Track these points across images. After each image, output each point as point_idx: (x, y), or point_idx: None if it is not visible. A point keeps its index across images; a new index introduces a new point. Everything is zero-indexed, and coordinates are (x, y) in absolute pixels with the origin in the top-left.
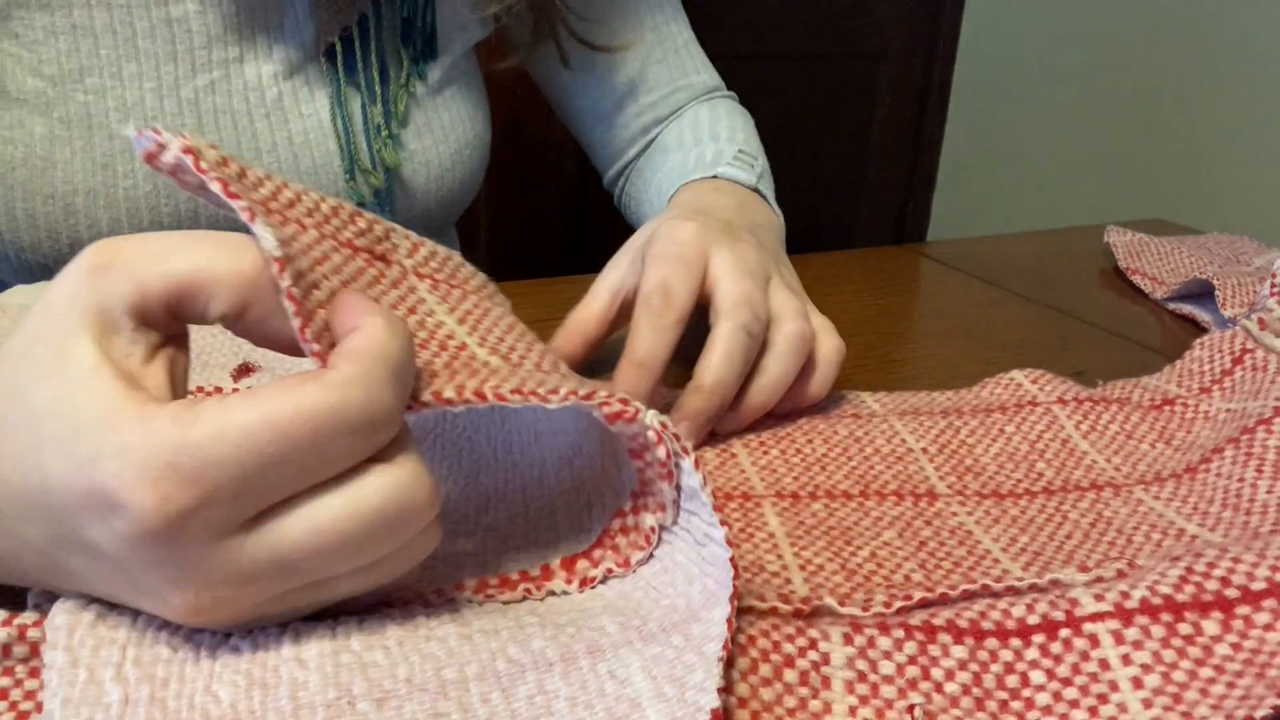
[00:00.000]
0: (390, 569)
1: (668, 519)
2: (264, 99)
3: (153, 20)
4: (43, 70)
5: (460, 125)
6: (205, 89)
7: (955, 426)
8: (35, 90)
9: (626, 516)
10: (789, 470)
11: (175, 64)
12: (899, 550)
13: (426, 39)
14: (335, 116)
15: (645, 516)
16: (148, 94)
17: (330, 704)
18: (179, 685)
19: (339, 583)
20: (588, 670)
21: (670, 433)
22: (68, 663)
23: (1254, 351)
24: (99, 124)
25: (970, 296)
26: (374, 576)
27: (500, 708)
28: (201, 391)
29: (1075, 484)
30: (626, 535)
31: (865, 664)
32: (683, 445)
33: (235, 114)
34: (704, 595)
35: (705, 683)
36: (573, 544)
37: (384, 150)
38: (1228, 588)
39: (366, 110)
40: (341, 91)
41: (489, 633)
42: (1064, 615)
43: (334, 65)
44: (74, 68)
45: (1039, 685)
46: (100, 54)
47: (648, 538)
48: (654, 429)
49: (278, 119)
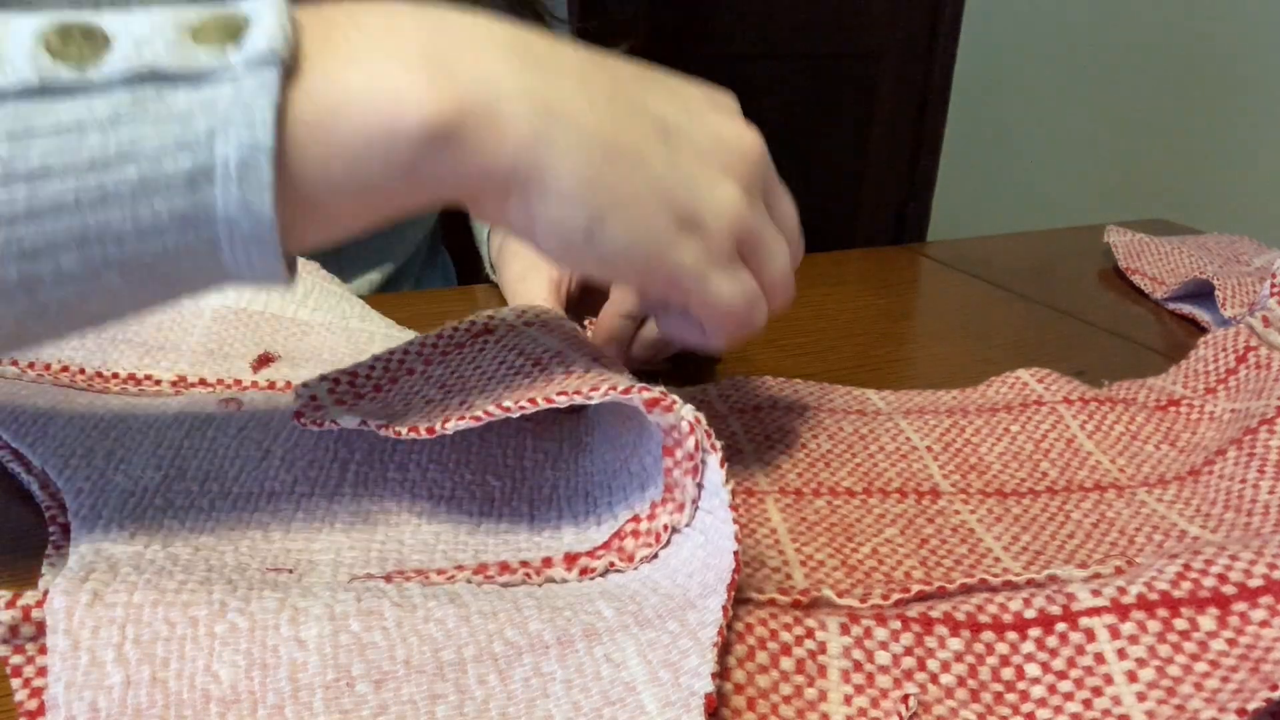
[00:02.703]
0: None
1: (683, 520)
2: None
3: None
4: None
5: None
6: None
7: (960, 425)
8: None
9: (641, 521)
10: (793, 466)
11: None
12: (900, 547)
13: None
14: None
15: (660, 518)
16: None
17: (329, 685)
18: (179, 664)
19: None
20: (584, 653)
21: (703, 428)
22: (69, 646)
23: (1257, 349)
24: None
25: (970, 296)
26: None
27: (497, 689)
28: (221, 384)
29: (1079, 484)
30: (637, 538)
31: (861, 653)
32: (712, 442)
33: None
34: (702, 587)
35: (700, 668)
36: (575, 545)
37: None
38: (1224, 584)
39: None
40: None
41: (486, 615)
42: (1060, 610)
43: None
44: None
45: (1034, 678)
46: None
47: (658, 537)
48: (689, 420)
49: None
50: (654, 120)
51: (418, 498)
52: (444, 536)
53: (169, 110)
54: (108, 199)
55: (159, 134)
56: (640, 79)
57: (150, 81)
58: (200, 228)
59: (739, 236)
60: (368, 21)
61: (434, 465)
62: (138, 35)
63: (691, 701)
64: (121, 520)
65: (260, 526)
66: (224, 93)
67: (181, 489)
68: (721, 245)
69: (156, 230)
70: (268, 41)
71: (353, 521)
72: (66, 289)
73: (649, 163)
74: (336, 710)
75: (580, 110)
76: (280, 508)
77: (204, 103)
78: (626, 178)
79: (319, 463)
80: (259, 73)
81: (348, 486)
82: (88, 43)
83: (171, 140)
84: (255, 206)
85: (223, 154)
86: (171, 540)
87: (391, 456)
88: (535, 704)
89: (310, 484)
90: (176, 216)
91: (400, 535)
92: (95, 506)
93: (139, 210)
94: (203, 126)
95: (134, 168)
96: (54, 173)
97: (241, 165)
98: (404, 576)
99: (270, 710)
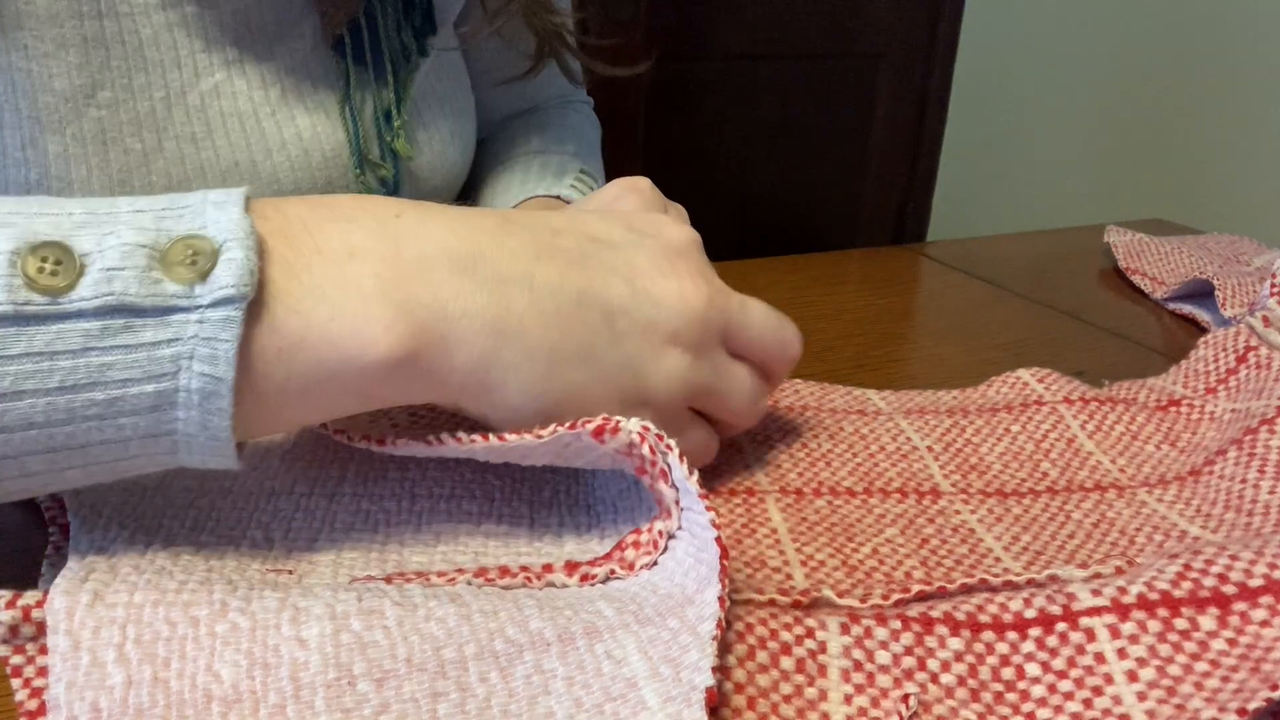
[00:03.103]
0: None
1: (673, 524)
2: (269, 98)
3: (154, 26)
4: (54, 86)
5: (458, 93)
6: (210, 93)
7: (961, 425)
8: (48, 107)
9: (641, 533)
10: (794, 466)
11: (179, 70)
12: (901, 547)
13: (425, 14)
14: (344, 109)
15: (656, 526)
16: (157, 104)
17: (330, 684)
18: (180, 664)
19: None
20: (585, 650)
21: (653, 434)
22: (69, 647)
23: (1258, 349)
24: (113, 139)
25: (970, 296)
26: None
27: (498, 687)
28: None
29: (1079, 484)
30: (638, 548)
31: (861, 653)
32: (666, 443)
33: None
34: (697, 581)
35: (700, 662)
36: (576, 555)
37: (396, 141)
38: (1225, 584)
39: (375, 99)
40: (350, 83)
41: (488, 613)
42: (1061, 609)
43: (342, 56)
44: (85, 82)
45: (1034, 678)
46: (111, 65)
47: (655, 544)
48: (636, 433)
49: (284, 116)
50: (600, 307)
51: (417, 497)
52: (444, 536)
53: (136, 340)
54: (75, 418)
55: (126, 363)
56: (585, 253)
57: (120, 314)
58: (161, 441)
59: (689, 397)
60: (328, 245)
61: (434, 465)
62: (109, 263)
63: (692, 696)
64: (122, 519)
65: (260, 526)
66: (190, 327)
67: (181, 487)
68: (671, 412)
69: (120, 442)
70: (234, 281)
71: (352, 522)
72: (31, 481)
73: (595, 357)
74: (338, 709)
75: (527, 322)
76: (280, 507)
77: (170, 336)
78: (572, 379)
79: (318, 462)
80: (223, 309)
81: (347, 486)
82: (61, 270)
83: (138, 371)
84: (214, 428)
85: (186, 383)
86: (172, 540)
87: (391, 457)
88: (537, 700)
89: (310, 483)
90: (139, 433)
91: (400, 535)
92: (95, 506)
93: (104, 427)
94: (168, 356)
95: (101, 392)
96: (25, 394)
97: (203, 394)
98: (404, 578)
99: (272, 709)
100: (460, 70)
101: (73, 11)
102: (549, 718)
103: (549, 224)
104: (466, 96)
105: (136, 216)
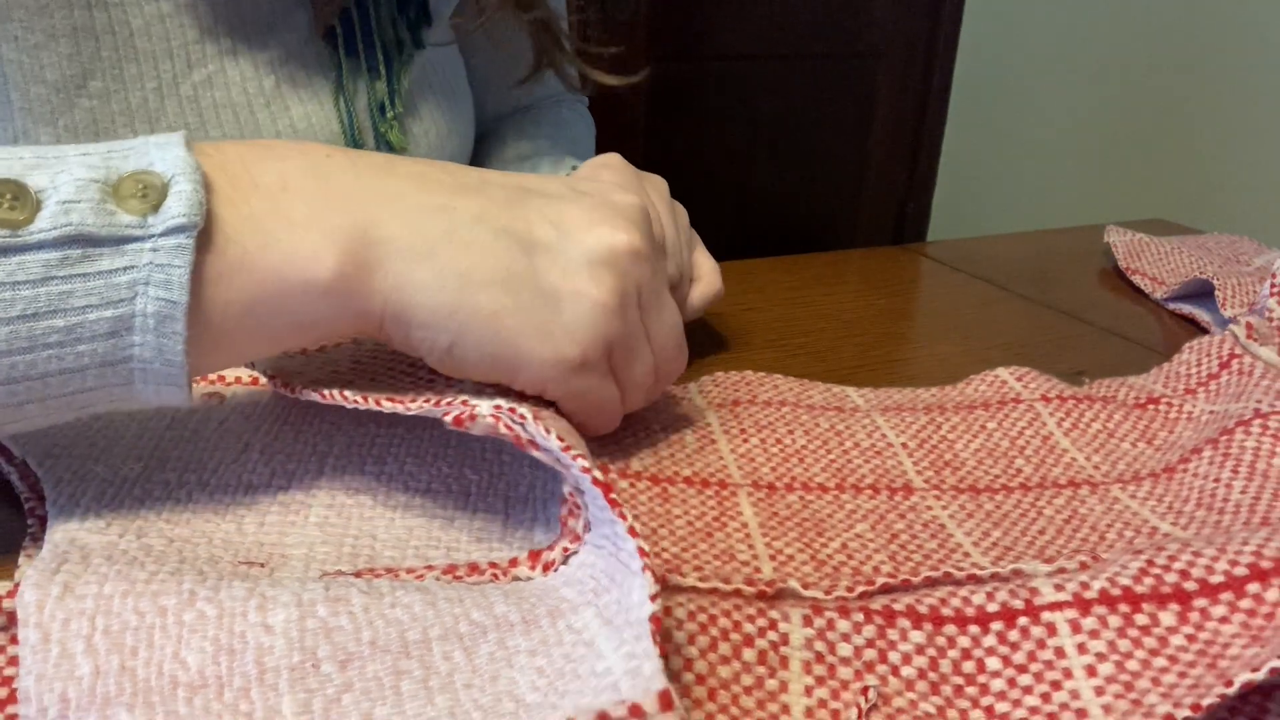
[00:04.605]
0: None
1: (567, 485)
2: (262, 88)
3: (146, 17)
4: (45, 76)
5: (455, 87)
6: (203, 84)
7: (937, 422)
8: (39, 98)
9: (568, 502)
10: (767, 460)
11: (172, 60)
12: (870, 542)
13: (421, 6)
14: (338, 100)
15: (565, 487)
16: (150, 95)
17: (295, 666)
18: (148, 653)
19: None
20: (548, 628)
21: (506, 409)
22: (39, 639)
23: (1242, 356)
24: (105, 130)
25: (970, 296)
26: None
27: (462, 664)
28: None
29: (1053, 481)
30: (575, 517)
31: (823, 645)
32: (519, 414)
33: (235, 106)
34: (613, 539)
35: (640, 598)
36: (542, 539)
37: (391, 133)
38: (1186, 580)
39: (369, 90)
40: (343, 73)
41: (453, 600)
42: (1023, 604)
43: (334, 47)
44: (76, 73)
45: (994, 671)
46: (102, 56)
47: (574, 510)
48: (489, 415)
49: (278, 107)
50: (521, 241)
51: (393, 491)
52: (417, 532)
53: (95, 268)
54: (36, 345)
55: (85, 290)
56: (513, 199)
57: (78, 244)
58: (118, 369)
59: (607, 345)
60: (264, 180)
61: (411, 459)
62: (64, 196)
63: (640, 629)
64: (99, 510)
65: (236, 519)
66: (144, 256)
67: (160, 480)
68: (585, 355)
69: (78, 371)
70: (185, 211)
71: (327, 515)
72: None
73: (511, 285)
74: (301, 689)
75: (440, 245)
76: (257, 500)
77: (126, 264)
78: (483, 302)
79: (297, 456)
80: (175, 237)
81: (324, 480)
82: (20, 205)
83: (97, 298)
84: (169, 354)
85: (142, 308)
86: (146, 531)
87: (370, 450)
88: (500, 675)
89: (287, 477)
90: (97, 360)
91: (374, 530)
92: (74, 496)
93: (64, 355)
94: (125, 283)
95: (62, 319)
96: None
97: (159, 318)
98: (374, 574)
99: (236, 693)
100: (458, 64)
101: (63, 2)
102: (511, 687)
103: (484, 174)
104: (464, 91)
105: (84, 158)
